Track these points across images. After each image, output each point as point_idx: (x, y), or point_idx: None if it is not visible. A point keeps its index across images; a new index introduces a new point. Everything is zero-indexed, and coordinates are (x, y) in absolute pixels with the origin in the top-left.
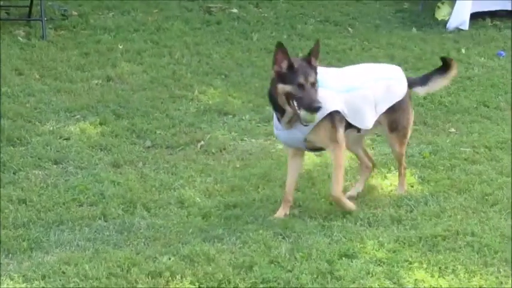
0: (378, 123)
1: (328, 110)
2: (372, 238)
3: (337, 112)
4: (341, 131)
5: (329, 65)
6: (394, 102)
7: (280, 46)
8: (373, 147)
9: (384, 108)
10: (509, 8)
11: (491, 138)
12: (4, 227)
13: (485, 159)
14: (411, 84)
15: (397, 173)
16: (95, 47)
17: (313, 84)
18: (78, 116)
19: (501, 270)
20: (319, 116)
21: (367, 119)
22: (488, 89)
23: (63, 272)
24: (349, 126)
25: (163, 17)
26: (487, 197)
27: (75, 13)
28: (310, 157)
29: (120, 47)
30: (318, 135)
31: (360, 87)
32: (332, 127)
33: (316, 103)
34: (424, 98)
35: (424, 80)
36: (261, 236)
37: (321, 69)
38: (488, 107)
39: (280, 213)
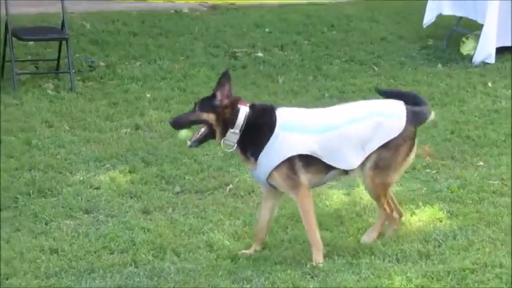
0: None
1: (283, 156)
2: (399, 274)
3: (301, 156)
4: (303, 176)
5: None
6: (387, 139)
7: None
8: (401, 184)
9: (374, 146)
10: None
11: None
12: (36, 277)
13: None
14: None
15: (426, 208)
16: (123, 96)
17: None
18: (107, 165)
19: None
20: (274, 162)
21: (349, 159)
22: None
23: None
24: (330, 167)
25: (189, 64)
26: None
27: (103, 64)
28: (338, 196)
29: (148, 95)
30: (276, 181)
31: (339, 126)
32: (290, 173)
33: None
34: (452, 133)
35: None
36: (289, 276)
37: (300, 112)
38: None
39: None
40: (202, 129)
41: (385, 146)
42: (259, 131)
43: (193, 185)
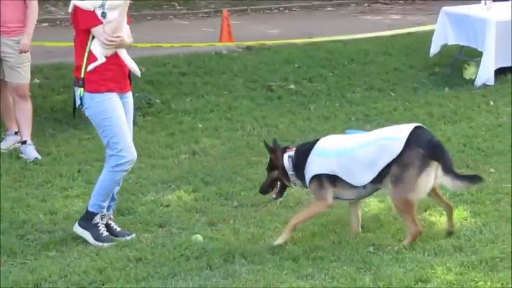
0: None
1: (310, 174)
2: (440, 265)
3: (325, 175)
4: (329, 190)
5: (379, 125)
6: (389, 160)
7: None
8: None
9: (380, 165)
10: None
11: None
12: (128, 282)
13: None
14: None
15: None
16: (179, 127)
17: None
18: (173, 186)
19: None
20: (307, 178)
21: (360, 177)
22: None
23: None
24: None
25: (232, 97)
26: None
27: (158, 101)
28: (374, 203)
29: (200, 125)
30: (311, 191)
31: (349, 150)
32: (318, 187)
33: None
34: (464, 145)
35: None
36: (346, 271)
37: (328, 138)
38: None
39: None
40: (278, 183)
41: (395, 165)
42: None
43: (249, 199)
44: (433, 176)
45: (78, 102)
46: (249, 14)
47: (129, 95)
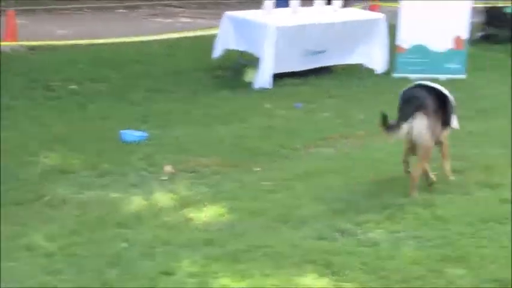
0: None
1: None
2: (187, 258)
3: None
4: None
5: (155, 126)
6: None
7: None
8: (191, 189)
9: None
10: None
11: (289, 172)
12: None
13: (284, 189)
14: None
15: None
16: None
17: None
18: None
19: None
20: None
21: None
22: (286, 134)
23: None
24: None
25: (10, 96)
26: (281, 217)
27: None
28: (136, 200)
29: None
30: None
31: None
32: None
33: None
34: (235, 145)
35: None
36: (96, 265)
37: None
38: (286, 148)
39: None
40: None
41: None
42: None
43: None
44: None
45: None
46: (39, 14)
47: None
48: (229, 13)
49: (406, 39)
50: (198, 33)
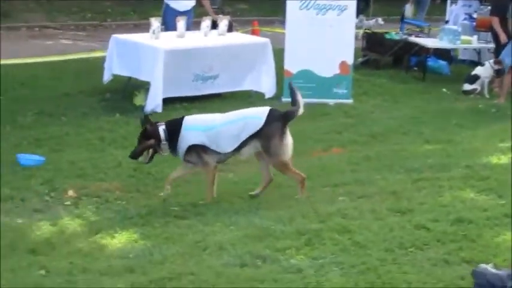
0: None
1: (187, 144)
2: (110, 285)
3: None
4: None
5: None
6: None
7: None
8: (98, 214)
9: (243, 137)
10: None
11: (195, 197)
12: None
13: (193, 215)
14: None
15: (123, 232)
16: None
17: None
18: None
19: None
20: (183, 147)
21: (224, 146)
22: None
23: None
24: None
25: None
26: (198, 243)
27: None
28: (46, 227)
29: None
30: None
31: (216, 127)
32: (197, 153)
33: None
34: (135, 170)
35: None
36: None
37: (195, 117)
38: None
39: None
40: (150, 151)
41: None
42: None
43: None
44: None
45: None
46: None
47: None
48: (116, 36)
49: (293, 64)
50: (83, 55)
